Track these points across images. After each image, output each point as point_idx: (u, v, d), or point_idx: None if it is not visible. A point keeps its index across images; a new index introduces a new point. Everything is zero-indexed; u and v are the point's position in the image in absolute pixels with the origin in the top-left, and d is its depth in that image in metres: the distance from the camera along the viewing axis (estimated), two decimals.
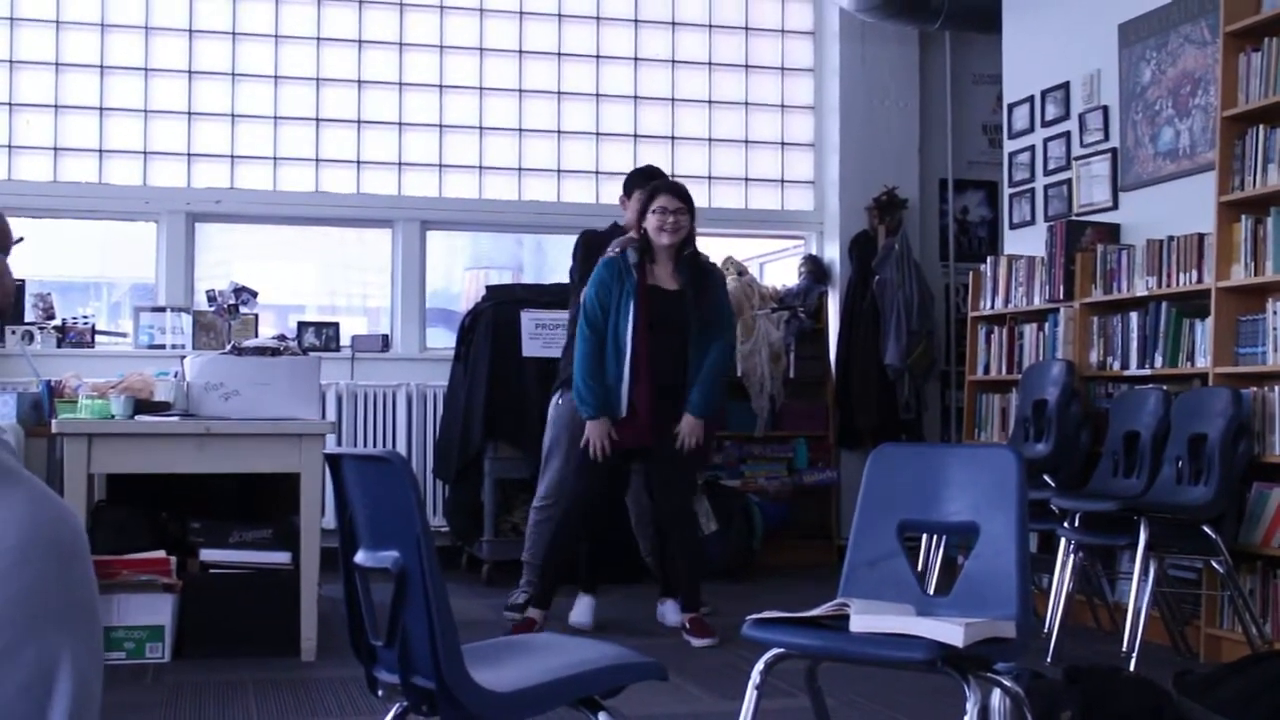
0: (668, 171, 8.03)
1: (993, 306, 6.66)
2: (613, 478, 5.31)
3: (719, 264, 7.92)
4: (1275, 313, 4.83)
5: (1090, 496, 5.11)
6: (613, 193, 7.99)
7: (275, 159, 7.54)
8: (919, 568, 5.43)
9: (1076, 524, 5.04)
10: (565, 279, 8.10)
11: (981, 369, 6.71)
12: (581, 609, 5.42)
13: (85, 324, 7.13)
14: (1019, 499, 2.94)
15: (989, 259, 6.81)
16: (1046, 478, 5.56)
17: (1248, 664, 3.57)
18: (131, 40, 7.40)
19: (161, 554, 4.82)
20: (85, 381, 5.27)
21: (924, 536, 5.65)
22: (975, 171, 8.37)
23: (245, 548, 4.95)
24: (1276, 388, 4.81)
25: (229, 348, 5.20)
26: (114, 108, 7.37)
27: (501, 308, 6.86)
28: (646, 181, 5.64)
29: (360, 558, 2.47)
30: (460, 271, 8.31)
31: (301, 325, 7.41)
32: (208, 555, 4.92)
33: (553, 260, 8.88)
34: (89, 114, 7.33)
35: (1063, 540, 5.10)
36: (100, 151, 7.34)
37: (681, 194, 5.17)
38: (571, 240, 8.78)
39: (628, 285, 5.13)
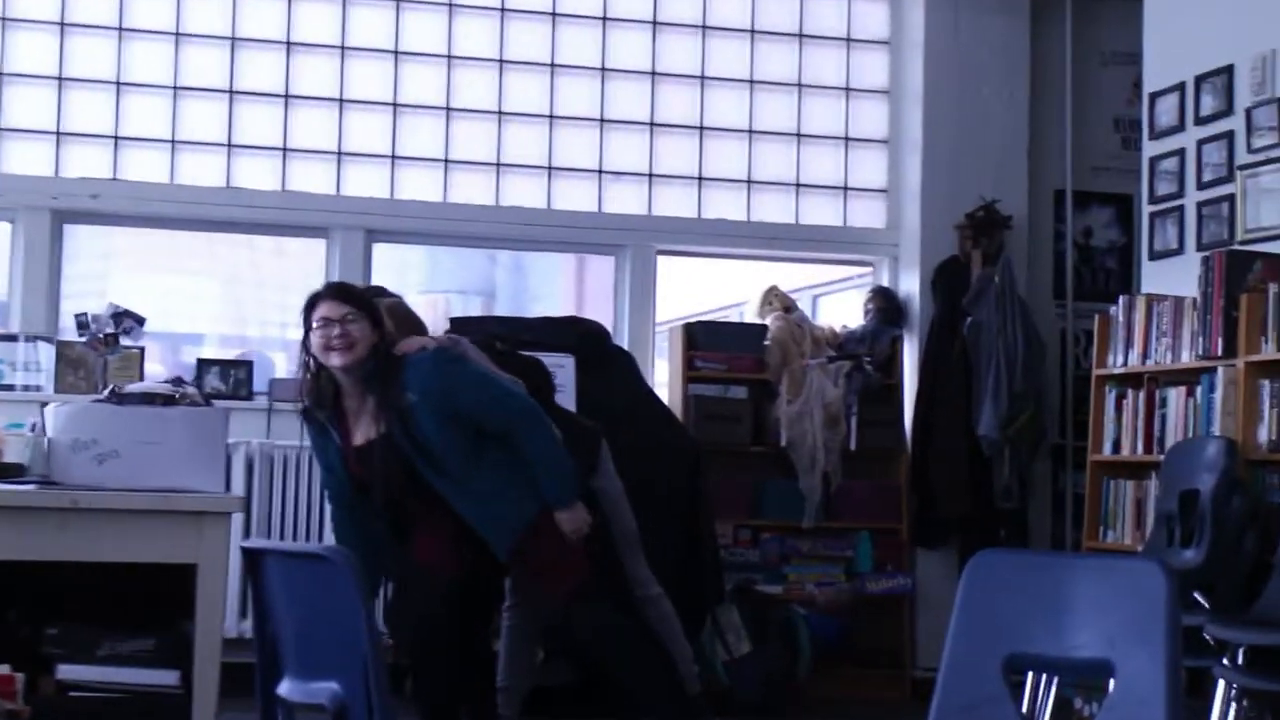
0: (692, 171, 8.07)
1: (1125, 363, 6.63)
2: (464, 607, 5.34)
3: (761, 297, 7.97)
4: None
5: (1258, 624, 5.06)
6: (620, 198, 8.02)
7: (174, 142, 7.53)
8: (1023, 710, 5.38)
9: (1239, 661, 4.99)
10: (553, 309, 8.14)
11: (1109, 446, 6.67)
12: None
13: None
14: (1169, 630, 2.89)
15: (1120, 299, 6.78)
16: (1198, 596, 5.51)
17: None
18: None
19: (5, 669, 4.76)
20: None
21: (1029, 673, 5.59)
22: (1103, 182, 8.35)
23: (119, 663, 4.87)
24: None
25: (105, 393, 5.16)
26: None
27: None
28: None
29: (285, 689, 2.44)
30: (414, 296, 8.29)
31: (202, 364, 7.37)
32: (67, 672, 4.84)
33: (536, 286, 8.88)
34: None
35: (1220, 682, 5.04)
36: None
37: (349, 295, 5.03)
38: (562, 260, 8.86)
39: (334, 450, 5.13)
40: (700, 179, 8.16)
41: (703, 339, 7.87)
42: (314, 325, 4.97)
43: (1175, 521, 5.88)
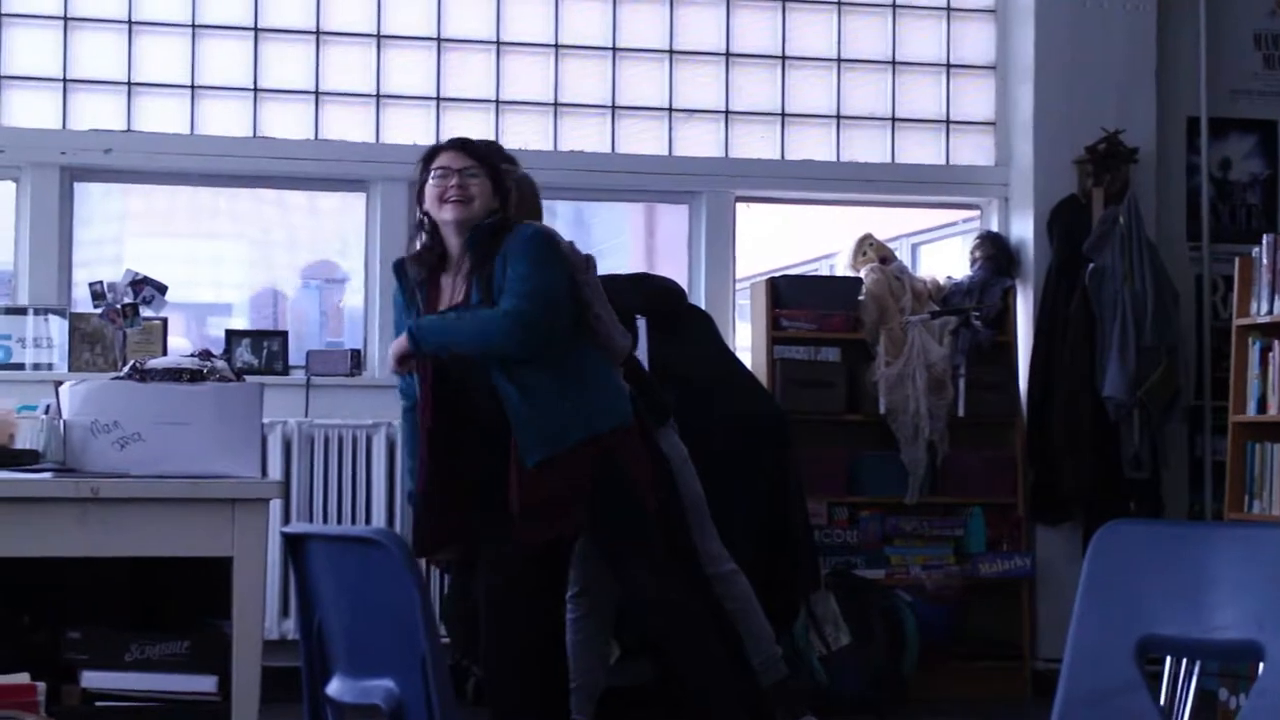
0: (773, 107, 8.06)
1: (1271, 311, 6.60)
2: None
3: (854, 246, 7.94)
4: None
5: None
6: (693, 140, 8.01)
7: (193, 88, 7.57)
8: (1160, 703, 5.35)
9: None
10: (620, 265, 8.14)
11: (1254, 405, 6.65)
12: None
13: None
14: None
15: (1264, 239, 6.74)
16: None
17: None
18: None
19: (24, 678, 4.81)
20: None
21: (1168, 660, 5.58)
22: (1243, 106, 8.29)
23: (149, 669, 4.93)
24: None
25: (125, 370, 5.21)
26: None
27: None
28: None
29: (335, 689, 2.47)
30: None
31: (232, 335, 7.45)
32: (93, 680, 4.91)
33: (601, 239, 8.89)
34: None
35: None
36: None
37: (473, 149, 5.19)
38: (630, 210, 8.87)
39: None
40: (783, 115, 8.15)
41: (789, 295, 7.86)
42: (431, 176, 5.08)
43: None
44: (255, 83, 7.63)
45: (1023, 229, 8.16)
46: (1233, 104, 8.30)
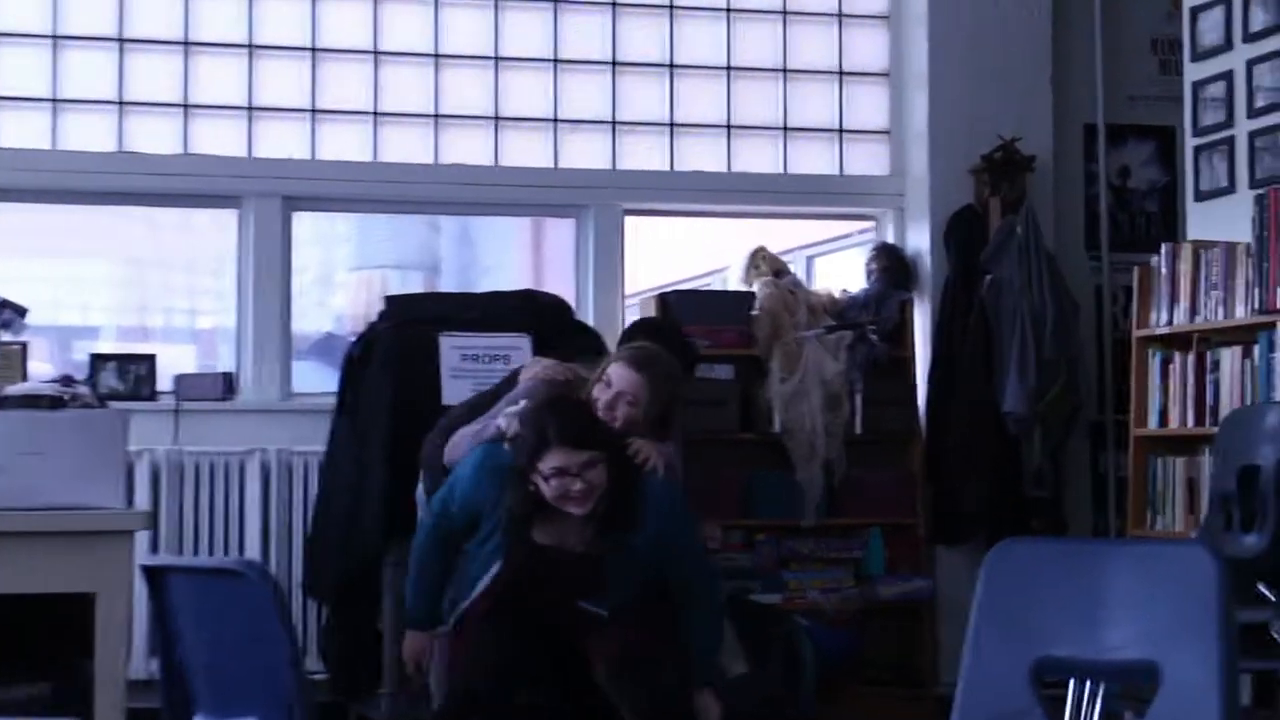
0: (661, 116, 8.06)
1: (1170, 321, 6.66)
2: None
3: (747, 260, 7.96)
4: None
5: None
6: (579, 151, 8.01)
7: (54, 100, 7.51)
8: None
9: None
10: (507, 282, 8.14)
11: (1155, 419, 6.71)
12: None
13: None
14: (1221, 624, 2.92)
15: (1163, 247, 6.80)
16: (1262, 588, 5.53)
17: None
18: None
19: None
20: None
21: (1071, 682, 5.61)
22: (1140, 112, 8.37)
23: (10, 713, 4.87)
24: None
25: None
26: None
27: (408, 330, 6.84)
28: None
29: None
30: (343, 274, 8.29)
31: (96, 359, 7.37)
32: None
33: (486, 256, 8.87)
34: None
35: None
36: None
37: (587, 438, 5.06)
38: (515, 225, 8.85)
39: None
40: (671, 125, 8.17)
41: (680, 311, 7.80)
42: (546, 474, 4.97)
43: (1234, 503, 5.88)
44: (120, 95, 7.57)
45: (919, 240, 8.21)
46: (1130, 110, 8.38)
